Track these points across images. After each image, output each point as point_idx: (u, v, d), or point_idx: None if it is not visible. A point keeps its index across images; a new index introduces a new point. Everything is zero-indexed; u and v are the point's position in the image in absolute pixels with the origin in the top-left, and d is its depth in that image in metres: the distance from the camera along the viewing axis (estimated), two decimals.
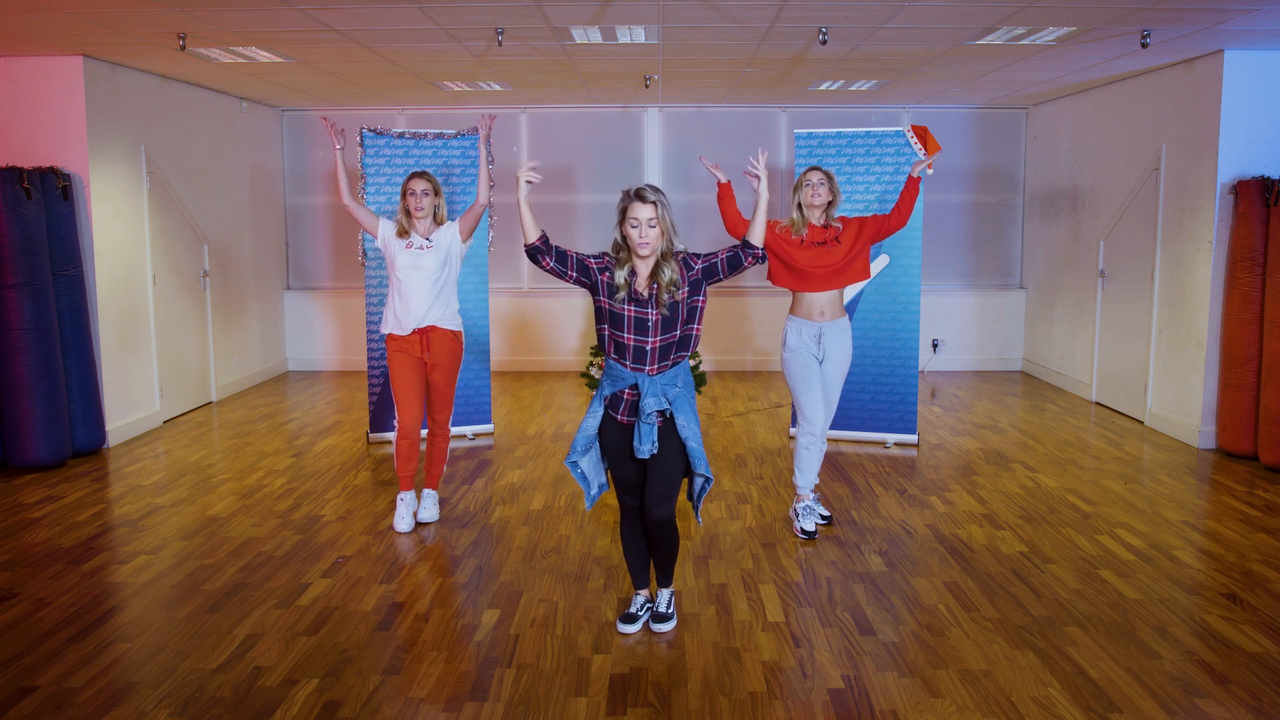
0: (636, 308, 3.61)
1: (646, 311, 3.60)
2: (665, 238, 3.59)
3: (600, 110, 9.75)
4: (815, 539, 4.91)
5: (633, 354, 3.62)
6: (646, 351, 3.61)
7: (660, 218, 3.55)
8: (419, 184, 5.00)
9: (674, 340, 3.63)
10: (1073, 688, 3.40)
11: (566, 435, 7.14)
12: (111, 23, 5.52)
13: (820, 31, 5.69)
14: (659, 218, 3.55)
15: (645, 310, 3.60)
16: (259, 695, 3.35)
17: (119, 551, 4.76)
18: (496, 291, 9.31)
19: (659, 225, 3.55)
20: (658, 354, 3.61)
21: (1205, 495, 5.68)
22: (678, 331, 3.63)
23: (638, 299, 3.62)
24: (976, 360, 9.90)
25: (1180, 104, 6.95)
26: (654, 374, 3.61)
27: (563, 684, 3.44)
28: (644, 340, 3.61)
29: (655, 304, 3.58)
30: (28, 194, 6.01)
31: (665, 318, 3.59)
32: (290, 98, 9.00)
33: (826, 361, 4.96)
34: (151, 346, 7.35)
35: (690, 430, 3.64)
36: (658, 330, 3.61)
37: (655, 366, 3.61)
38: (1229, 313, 6.42)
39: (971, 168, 9.80)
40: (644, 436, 3.59)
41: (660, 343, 3.61)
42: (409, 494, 5.13)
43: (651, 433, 3.59)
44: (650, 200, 3.55)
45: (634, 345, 3.61)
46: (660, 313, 3.59)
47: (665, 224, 3.57)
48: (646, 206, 3.54)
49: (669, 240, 3.62)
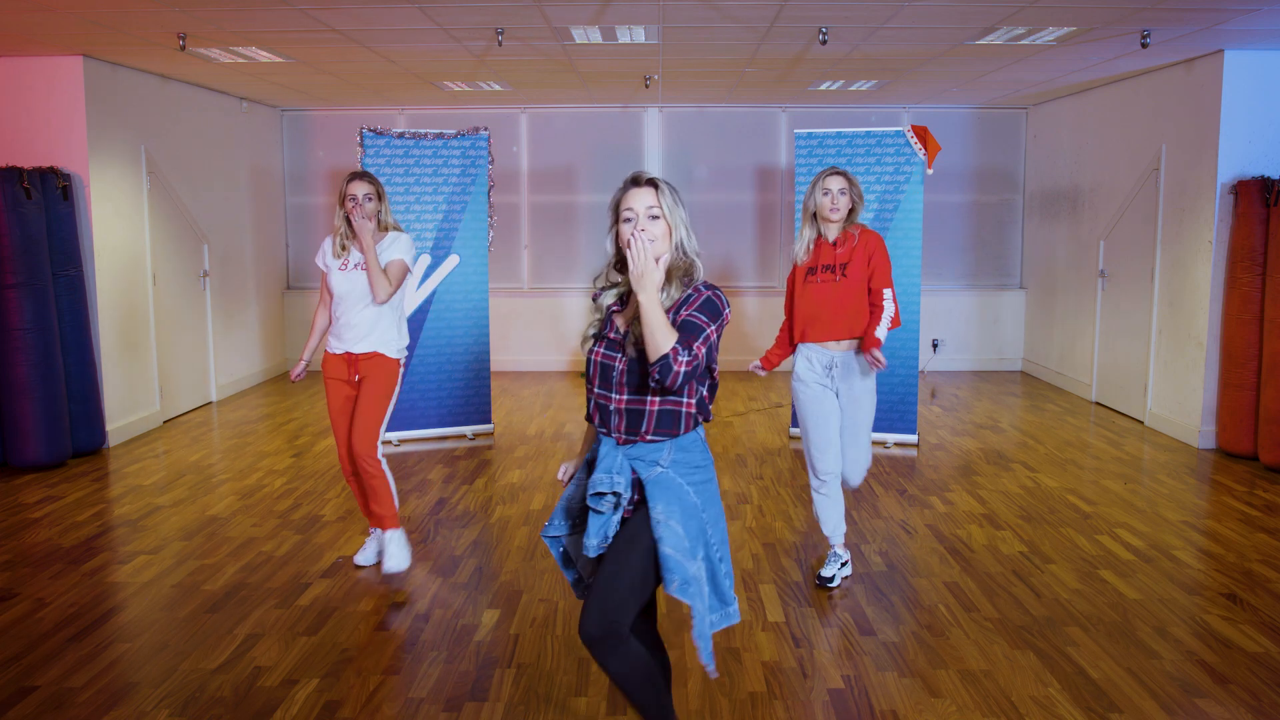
0: (605, 349, 2.59)
1: (614, 356, 2.56)
2: (673, 242, 2.55)
3: (600, 110, 9.75)
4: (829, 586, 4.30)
5: (599, 413, 2.61)
6: (610, 412, 2.57)
7: (666, 209, 2.54)
8: (360, 187, 4.30)
9: (651, 409, 2.53)
10: (1073, 688, 3.40)
11: (566, 435, 7.14)
12: (111, 23, 5.52)
13: (820, 31, 5.69)
14: (662, 208, 2.53)
15: (613, 354, 2.56)
16: (259, 695, 3.35)
17: (119, 551, 4.77)
18: (496, 291, 9.31)
19: (663, 220, 2.54)
20: (624, 419, 2.55)
21: (1205, 495, 5.68)
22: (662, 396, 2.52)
23: (610, 337, 2.60)
24: (976, 360, 9.90)
25: (1180, 104, 6.95)
26: (622, 444, 2.58)
27: (563, 684, 3.44)
28: (607, 396, 2.57)
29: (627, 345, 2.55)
30: (28, 194, 6.01)
31: (632, 366, 2.53)
32: (290, 98, 9.00)
33: (843, 397, 4.23)
34: (151, 346, 7.35)
35: (669, 530, 2.50)
36: (622, 384, 2.55)
37: (623, 436, 2.57)
38: (1229, 313, 6.42)
39: (971, 168, 9.80)
40: (590, 527, 2.56)
41: (627, 404, 2.54)
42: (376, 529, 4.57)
43: (601, 524, 2.55)
44: (649, 181, 2.56)
45: (598, 401, 2.60)
46: (628, 356, 2.54)
47: (673, 220, 2.55)
48: (644, 191, 2.54)
49: (680, 249, 2.56)
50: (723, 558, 2.62)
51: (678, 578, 2.50)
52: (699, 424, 2.62)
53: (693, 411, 2.57)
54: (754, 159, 9.78)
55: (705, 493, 2.60)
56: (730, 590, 2.63)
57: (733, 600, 2.63)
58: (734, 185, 9.77)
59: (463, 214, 6.88)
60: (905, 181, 6.53)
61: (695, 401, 2.57)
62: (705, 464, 2.62)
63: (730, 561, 2.66)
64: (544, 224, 9.87)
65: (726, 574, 2.62)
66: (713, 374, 2.64)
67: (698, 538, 2.55)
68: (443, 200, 6.82)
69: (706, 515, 2.59)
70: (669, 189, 2.57)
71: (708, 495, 2.61)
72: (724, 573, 2.61)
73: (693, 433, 2.59)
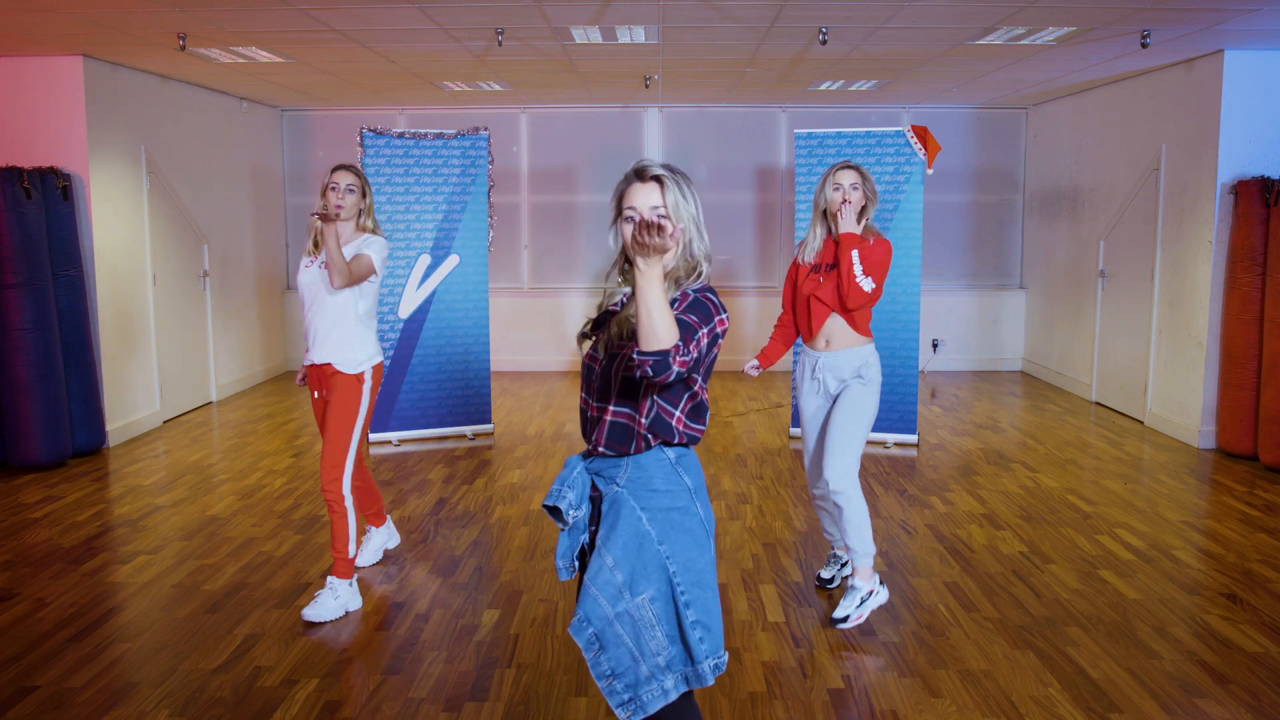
0: (592, 349, 2.34)
1: (596, 356, 2.32)
2: (681, 244, 2.24)
3: (600, 110, 9.75)
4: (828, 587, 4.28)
5: (582, 420, 2.37)
6: (587, 419, 2.33)
7: (671, 208, 2.22)
8: (344, 177, 4.03)
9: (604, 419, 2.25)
10: (1073, 688, 3.40)
11: (566, 435, 7.14)
12: (111, 23, 5.52)
13: (820, 31, 5.69)
14: (667, 208, 2.22)
15: (595, 355, 2.32)
16: (259, 695, 3.35)
17: (119, 551, 4.76)
18: (496, 291, 9.31)
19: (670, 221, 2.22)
20: (591, 426, 2.30)
21: (1205, 495, 5.68)
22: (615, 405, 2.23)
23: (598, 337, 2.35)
24: (976, 360, 9.90)
25: (1180, 104, 6.95)
26: (593, 455, 2.31)
27: (563, 684, 3.44)
28: (585, 400, 2.34)
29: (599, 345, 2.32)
30: (28, 194, 6.01)
31: (605, 370, 2.27)
32: (290, 98, 9.00)
33: (832, 403, 4.00)
34: (151, 346, 7.35)
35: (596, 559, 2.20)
36: (594, 388, 2.30)
37: (599, 447, 2.27)
38: (1229, 313, 6.42)
39: (971, 168, 9.80)
40: (559, 546, 2.35)
41: (595, 410, 2.28)
42: (370, 528, 4.57)
43: (568, 545, 2.33)
44: (654, 177, 2.23)
45: (581, 406, 2.36)
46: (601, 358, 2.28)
47: (684, 221, 2.23)
48: (648, 188, 2.23)
49: (687, 251, 2.26)
50: (692, 603, 2.18)
51: (582, 614, 2.16)
52: (666, 446, 2.25)
53: (644, 432, 2.20)
54: (754, 159, 9.78)
55: (665, 522, 2.20)
56: (702, 644, 2.18)
57: (706, 656, 2.18)
58: (734, 185, 9.77)
59: (463, 214, 6.88)
60: (905, 181, 6.53)
61: (649, 421, 2.21)
62: (670, 489, 2.22)
63: (714, 610, 2.22)
64: (544, 224, 9.87)
65: (699, 624, 2.18)
66: (694, 390, 2.24)
67: (643, 574, 2.17)
68: (443, 200, 6.81)
69: (666, 549, 2.20)
70: (676, 183, 2.23)
71: (668, 525, 2.20)
72: (692, 621, 2.18)
73: (652, 453, 2.23)
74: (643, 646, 2.18)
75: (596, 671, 2.17)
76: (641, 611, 2.18)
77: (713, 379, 9.31)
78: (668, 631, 2.19)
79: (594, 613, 2.16)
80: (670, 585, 2.19)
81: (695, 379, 2.23)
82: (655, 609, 2.18)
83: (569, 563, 2.33)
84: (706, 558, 2.24)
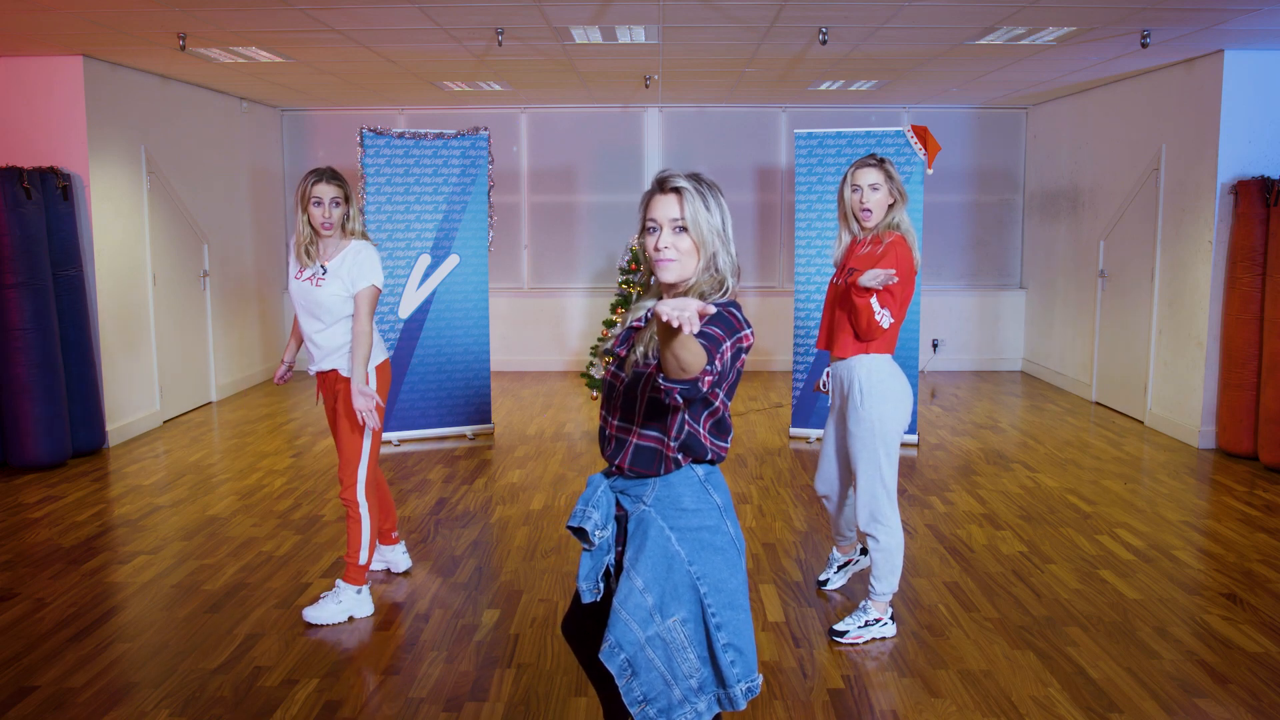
0: (615, 366, 2.25)
1: (619, 373, 2.22)
2: (703, 258, 2.15)
3: (600, 110, 9.75)
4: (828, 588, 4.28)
5: (600, 438, 2.30)
6: (606, 437, 2.26)
7: (690, 220, 2.12)
8: (328, 190, 3.81)
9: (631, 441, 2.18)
10: (1073, 688, 3.40)
11: (566, 435, 7.14)
12: (111, 23, 5.52)
13: (820, 31, 5.69)
14: (687, 221, 2.12)
15: (619, 372, 2.23)
16: (259, 695, 3.35)
17: (119, 551, 4.77)
18: (496, 291, 9.32)
19: (690, 233, 2.12)
20: (614, 446, 2.23)
21: (1205, 495, 5.68)
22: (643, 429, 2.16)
23: (620, 354, 2.25)
24: (976, 360, 9.90)
25: (1180, 104, 6.95)
26: (616, 474, 2.25)
27: (563, 684, 3.44)
28: (605, 418, 2.26)
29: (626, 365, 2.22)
30: (28, 194, 6.01)
31: (628, 389, 2.17)
32: (290, 98, 9.00)
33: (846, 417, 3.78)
34: (151, 346, 7.35)
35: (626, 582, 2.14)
36: (616, 407, 2.21)
37: (612, 464, 2.24)
38: (1229, 313, 6.42)
39: (971, 168, 9.80)
40: (581, 568, 2.26)
41: (617, 430, 2.21)
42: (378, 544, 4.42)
43: (591, 566, 2.24)
44: (674, 189, 2.13)
45: (601, 424, 2.29)
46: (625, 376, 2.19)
47: (705, 234, 2.13)
48: (668, 200, 2.13)
49: (712, 265, 2.16)
50: (724, 625, 2.12)
51: (613, 639, 2.09)
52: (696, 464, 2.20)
53: (674, 455, 2.14)
54: (754, 159, 9.78)
55: (695, 541, 2.14)
56: (734, 667, 2.12)
57: (739, 680, 2.13)
58: (734, 185, 9.77)
59: (463, 214, 6.88)
60: (905, 181, 6.53)
61: (678, 443, 2.14)
62: (701, 508, 2.17)
63: (746, 632, 2.15)
64: (544, 224, 9.87)
65: (731, 646, 2.13)
66: (714, 406, 2.17)
67: (674, 596, 2.12)
68: (443, 200, 6.81)
69: (697, 569, 2.14)
70: (698, 193, 2.12)
71: (698, 545, 2.14)
72: (724, 644, 2.12)
73: (681, 471, 2.17)
74: (675, 670, 2.12)
75: (629, 698, 2.11)
76: (673, 634, 2.12)
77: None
78: (699, 653, 2.14)
79: (625, 638, 2.10)
80: (701, 606, 2.14)
81: (716, 393, 2.15)
82: (687, 631, 2.13)
83: (593, 584, 2.22)
84: (738, 578, 2.18)
